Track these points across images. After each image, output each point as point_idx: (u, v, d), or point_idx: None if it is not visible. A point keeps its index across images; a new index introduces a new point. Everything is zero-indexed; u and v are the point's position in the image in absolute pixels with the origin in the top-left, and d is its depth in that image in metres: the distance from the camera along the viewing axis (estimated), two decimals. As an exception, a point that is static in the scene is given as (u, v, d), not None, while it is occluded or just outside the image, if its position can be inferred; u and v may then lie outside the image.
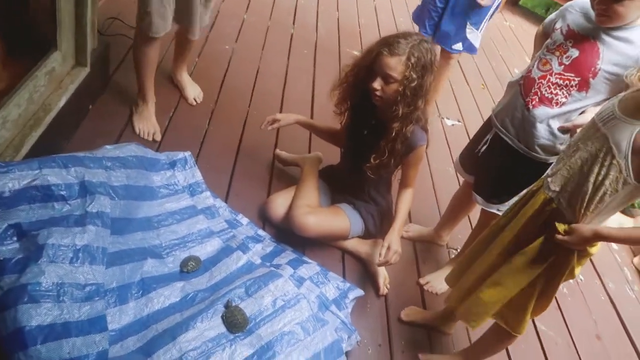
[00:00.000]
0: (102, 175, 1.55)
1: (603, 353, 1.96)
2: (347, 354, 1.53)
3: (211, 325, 1.38)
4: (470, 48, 2.53)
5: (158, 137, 2.14)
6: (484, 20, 2.48)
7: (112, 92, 2.22)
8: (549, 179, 1.31)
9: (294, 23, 3.43)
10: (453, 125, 2.97)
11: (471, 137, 2.85)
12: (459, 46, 2.49)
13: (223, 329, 1.39)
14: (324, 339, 1.46)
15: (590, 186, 1.18)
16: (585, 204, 1.21)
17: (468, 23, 2.44)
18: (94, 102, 2.14)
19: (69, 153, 1.65)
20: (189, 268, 1.57)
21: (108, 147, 1.74)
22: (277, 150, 2.19)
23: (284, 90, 2.74)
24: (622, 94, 1.22)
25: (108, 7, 2.81)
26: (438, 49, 2.33)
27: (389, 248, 1.62)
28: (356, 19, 3.91)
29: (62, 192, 1.43)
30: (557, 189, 1.27)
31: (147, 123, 2.15)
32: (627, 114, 1.13)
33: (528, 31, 5.06)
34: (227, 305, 1.43)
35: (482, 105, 3.30)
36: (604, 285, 2.27)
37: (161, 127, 2.16)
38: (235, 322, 1.40)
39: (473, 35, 2.48)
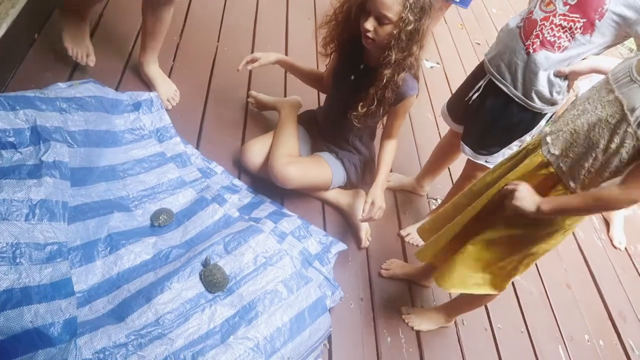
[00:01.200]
0: (57, 119, 1.35)
1: (572, 301, 2.02)
2: (329, 309, 1.48)
3: (188, 285, 1.28)
4: (464, 1, 2.44)
5: (92, 62, 1.80)
6: None
7: (60, 18, 1.94)
8: (548, 139, 1.20)
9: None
10: (432, 67, 2.85)
11: (450, 80, 2.79)
12: None
13: (201, 288, 1.29)
14: (308, 296, 1.39)
15: (601, 154, 1.09)
16: (593, 172, 1.12)
17: None
18: (39, 30, 1.87)
19: (14, 90, 1.44)
20: (161, 222, 1.45)
21: (61, 85, 1.53)
22: (252, 92, 2.02)
23: (255, 23, 2.51)
24: (638, 54, 1.12)
25: None
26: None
27: (372, 204, 1.54)
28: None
29: (10, 139, 1.25)
30: (557, 152, 1.17)
31: (81, 43, 1.80)
32: None
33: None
34: (205, 263, 1.33)
35: (461, 47, 3.18)
36: (574, 234, 2.31)
37: (119, 63, 1.93)
38: (214, 281, 1.30)
39: None
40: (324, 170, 1.71)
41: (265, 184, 1.72)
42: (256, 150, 1.73)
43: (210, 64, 2.15)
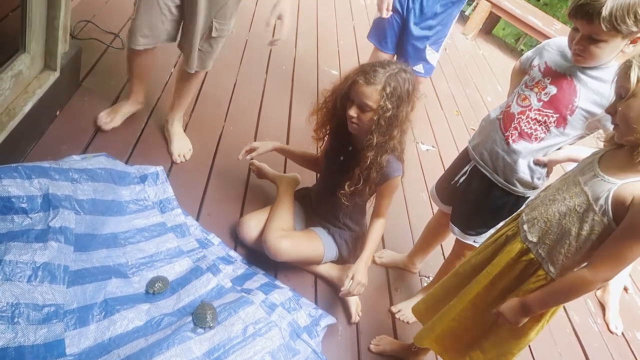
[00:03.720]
0: (68, 188, 1.46)
1: (567, 386, 1.99)
2: (316, 384, 1.49)
3: (177, 353, 1.31)
4: (428, 70, 2.52)
5: (108, 128, 2.01)
6: (443, 41, 2.49)
7: (81, 98, 2.13)
8: (525, 227, 1.29)
9: (273, 36, 3.39)
10: (428, 150, 2.99)
11: (445, 163, 2.92)
12: (419, 68, 2.47)
13: (191, 355, 1.32)
14: (295, 369, 1.41)
15: (574, 241, 1.18)
16: (570, 257, 1.19)
17: (427, 45, 2.43)
18: (62, 107, 2.04)
19: (32, 160, 1.57)
20: (156, 289, 1.50)
21: (75, 157, 1.66)
22: (255, 161, 2.10)
23: (260, 106, 2.69)
24: (602, 150, 1.23)
25: (82, 9, 2.72)
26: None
27: (352, 278, 1.60)
28: (335, 36, 3.93)
29: (24, 205, 1.35)
30: (535, 239, 1.26)
31: (112, 114, 2.05)
32: (607, 172, 1.14)
33: (500, 59, 5.21)
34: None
35: (456, 132, 3.35)
36: (569, 318, 2.30)
37: (132, 138, 2.09)
38: (203, 315, 1.40)
39: (432, 56, 2.48)
40: (316, 244, 1.78)
41: (260, 256, 1.79)
42: (253, 224, 1.81)
43: (216, 142, 2.29)
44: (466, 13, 5.91)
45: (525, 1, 5.77)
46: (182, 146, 2.12)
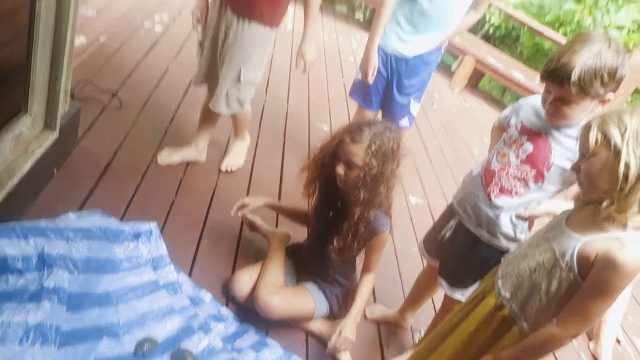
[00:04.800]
0: (63, 247, 1.49)
1: None
2: None
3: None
4: (411, 121, 2.61)
5: (163, 162, 2.37)
6: (425, 91, 2.58)
7: (79, 157, 2.20)
8: (499, 282, 1.32)
9: (266, 92, 3.53)
10: (417, 203, 3.05)
11: (434, 215, 2.96)
12: (405, 122, 2.55)
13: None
14: None
15: (544, 296, 1.21)
16: (541, 312, 1.22)
17: (412, 98, 2.52)
18: (59, 165, 2.10)
19: (30, 218, 1.60)
20: (145, 350, 1.50)
21: (72, 215, 1.70)
22: (249, 215, 2.13)
23: (253, 161, 2.76)
24: (570, 209, 1.29)
25: (83, 69, 2.83)
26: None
27: (340, 334, 1.61)
28: (326, 92, 4.07)
29: (19, 265, 1.37)
30: (508, 295, 1.29)
31: (173, 152, 2.42)
32: (574, 229, 1.19)
33: (486, 112, 5.37)
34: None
35: (445, 184, 3.42)
36: (561, 371, 2.29)
37: (127, 195, 2.14)
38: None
39: (415, 108, 2.56)
40: (307, 300, 1.80)
41: (252, 312, 1.80)
42: (244, 281, 1.83)
43: (209, 198, 2.35)
44: (452, 68, 6.15)
45: (508, 57, 6.04)
46: (233, 160, 2.58)
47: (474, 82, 5.95)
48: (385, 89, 2.50)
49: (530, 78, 5.25)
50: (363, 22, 6.87)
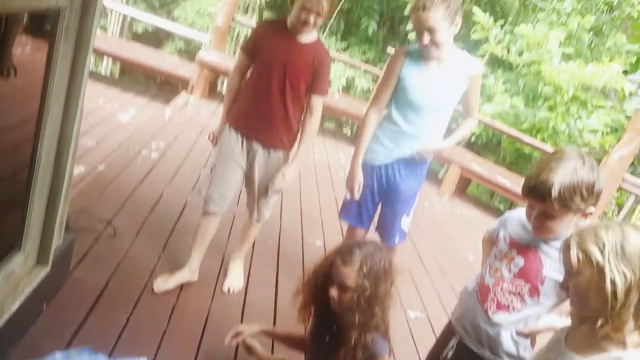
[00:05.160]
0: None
1: None
2: None
3: None
4: (402, 236, 2.58)
5: (159, 290, 2.38)
6: (414, 204, 2.57)
7: (70, 289, 2.17)
8: None
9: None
10: (416, 317, 2.98)
11: (436, 330, 2.88)
12: (396, 237, 2.55)
13: None
14: None
15: None
16: None
17: (402, 213, 2.52)
18: (49, 300, 2.06)
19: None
20: None
21: (58, 355, 1.64)
22: (248, 338, 2.03)
23: (247, 284, 2.73)
24: (568, 327, 1.28)
25: (80, 198, 2.91)
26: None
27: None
28: (318, 208, 4.15)
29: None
30: None
31: (167, 279, 2.43)
32: (574, 349, 1.17)
33: (477, 217, 5.45)
34: None
35: (444, 295, 3.37)
36: None
37: (118, 326, 2.08)
38: None
39: (406, 222, 2.56)
40: None
41: None
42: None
43: (202, 326, 2.28)
44: (439, 176, 6.36)
45: (492, 163, 6.28)
46: (235, 282, 2.61)
47: (462, 188, 6.12)
48: (374, 205, 2.53)
49: (515, 183, 5.41)
50: (350, 136, 7.24)
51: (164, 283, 2.41)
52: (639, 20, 7.37)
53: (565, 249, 1.16)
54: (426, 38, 2.18)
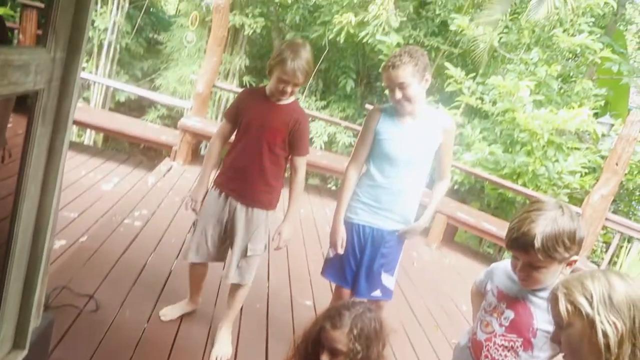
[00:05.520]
0: None
1: None
2: None
3: None
4: (386, 293, 2.53)
5: (165, 319, 2.67)
6: (397, 265, 2.55)
7: (49, 372, 2.07)
8: None
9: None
10: (413, 375, 2.89)
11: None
12: (377, 293, 2.50)
13: None
14: None
15: None
16: None
17: (383, 272, 2.49)
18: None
19: None
20: None
21: None
22: None
23: (236, 350, 2.64)
24: None
25: (61, 272, 2.84)
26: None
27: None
28: (306, 266, 4.09)
29: None
30: None
31: (172, 309, 2.72)
32: None
33: (467, 264, 5.41)
34: None
35: (439, 348, 3.28)
36: None
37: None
38: None
39: (388, 280, 2.52)
40: None
41: None
42: None
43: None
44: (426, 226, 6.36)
45: (477, 210, 6.33)
46: (223, 350, 2.56)
47: (450, 236, 6.12)
48: (357, 263, 2.50)
49: (501, 228, 5.43)
50: (335, 189, 7.28)
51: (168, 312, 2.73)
52: (602, 66, 7.76)
53: (554, 301, 1.15)
54: (398, 94, 2.28)
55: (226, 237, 2.49)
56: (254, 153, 2.35)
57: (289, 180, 2.47)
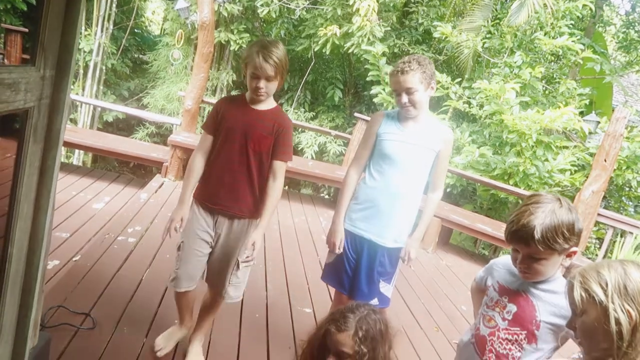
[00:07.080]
0: None
1: None
2: None
3: None
4: (384, 301, 2.50)
5: (161, 354, 2.47)
6: (395, 275, 2.54)
7: (47, 392, 2.03)
8: None
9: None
10: (416, 378, 2.87)
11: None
12: (374, 301, 2.46)
13: None
14: None
15: None
16: None
17: (381, 280, 2.47)
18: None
19: None
20: None
21: None
22: None
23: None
24: None
25: (56, 292, 2.80)
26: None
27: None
28: (303, 273, 4.07)
29: None
30: None
31: (166, 341, 2.54)
32: None
33: (464, 266, 5.42)
34: None
35: (440, 349, 3.27)
36: None
37: None
38: None
39: (386, 288, 2.50)
40: None
41: None
42: None
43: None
44: (421, 230, 6.36)
45: (470, 211, 6.35)
46: None
47: (445, 238, 6.13)
48: (353, 270, 2.48)
49: (495, 228, 5.46)
50: (329, 198, 7.27)
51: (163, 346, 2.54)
52: (585, 67, 7.89)
53: (569, 288, 1.17)
54: (404, 98, 2.31)
55: (214, 253, 2.38)
56: (240, 162, 2.24)
57: (267, 186, 2.29)
